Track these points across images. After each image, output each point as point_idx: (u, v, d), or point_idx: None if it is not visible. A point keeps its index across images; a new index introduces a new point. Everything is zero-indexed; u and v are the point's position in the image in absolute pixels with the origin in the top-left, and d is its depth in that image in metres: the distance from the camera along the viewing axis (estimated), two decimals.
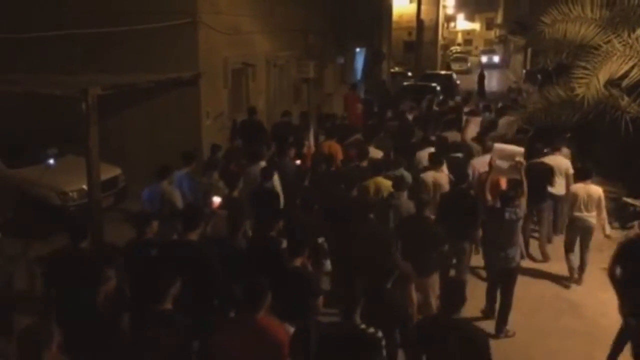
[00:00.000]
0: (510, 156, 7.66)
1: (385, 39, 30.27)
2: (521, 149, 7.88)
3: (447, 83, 26.47)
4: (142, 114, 11.41)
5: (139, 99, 11.05)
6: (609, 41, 9.63)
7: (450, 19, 68.01)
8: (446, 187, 8.16)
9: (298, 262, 5.17)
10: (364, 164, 8.63)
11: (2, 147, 10.10)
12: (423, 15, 34.51)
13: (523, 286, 7.67)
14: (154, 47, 11.01)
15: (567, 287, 8.50)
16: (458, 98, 20.33)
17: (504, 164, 7.66)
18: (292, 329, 4.44)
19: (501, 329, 7.01)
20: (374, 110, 17.34)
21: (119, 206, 10.28)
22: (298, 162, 9.52)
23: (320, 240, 6.65)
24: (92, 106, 8.47)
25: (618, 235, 10.35)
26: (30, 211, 9.49)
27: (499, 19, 58.20)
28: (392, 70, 33.08)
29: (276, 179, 7.88)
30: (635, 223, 10.20)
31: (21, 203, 9.57)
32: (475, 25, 73.67)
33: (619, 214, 11.19)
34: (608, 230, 8.75)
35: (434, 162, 8.51)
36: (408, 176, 8.18)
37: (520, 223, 7.07)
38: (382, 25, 28.92)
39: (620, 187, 12.78)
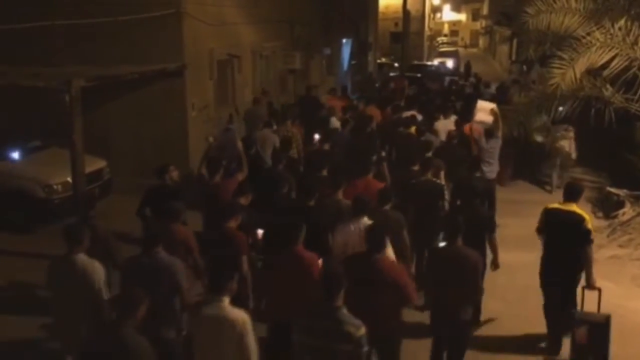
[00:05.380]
0: (486, 108, 11.24)
1: (372, 30, 30.14)
2: (493, 104, 11.70)
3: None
4: (126, 105, 11.30)
5: (124, 90, 10.95)
6: (590, 33, 9.70)
7: (436, 9, 67.83)
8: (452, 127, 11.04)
9: None
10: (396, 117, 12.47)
11: None
12: (409, 6, 34.36)
13: (508, 275, 7.64)
14: (139, 39, 10.89)
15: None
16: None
17: (484, 114, 11.09)
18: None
19: None
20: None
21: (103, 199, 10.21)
22: None
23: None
24: (76, 98, 8.39)
25: (602, 224, 10.47)
26: (14, 205, 9.44)
27: (485, 10, 58.34)
28: (378, 61, 33.05)
29: None
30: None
31: (4, 196, 9.50)
32: (462, 16, 73.77)
33: (603, 204, 11.30)
34: (574, 155, 12.81)
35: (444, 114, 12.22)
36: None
37: (497, 151, 10.21)
38: (368, 16, 28.81)
39: (605, 177, 12.92)
